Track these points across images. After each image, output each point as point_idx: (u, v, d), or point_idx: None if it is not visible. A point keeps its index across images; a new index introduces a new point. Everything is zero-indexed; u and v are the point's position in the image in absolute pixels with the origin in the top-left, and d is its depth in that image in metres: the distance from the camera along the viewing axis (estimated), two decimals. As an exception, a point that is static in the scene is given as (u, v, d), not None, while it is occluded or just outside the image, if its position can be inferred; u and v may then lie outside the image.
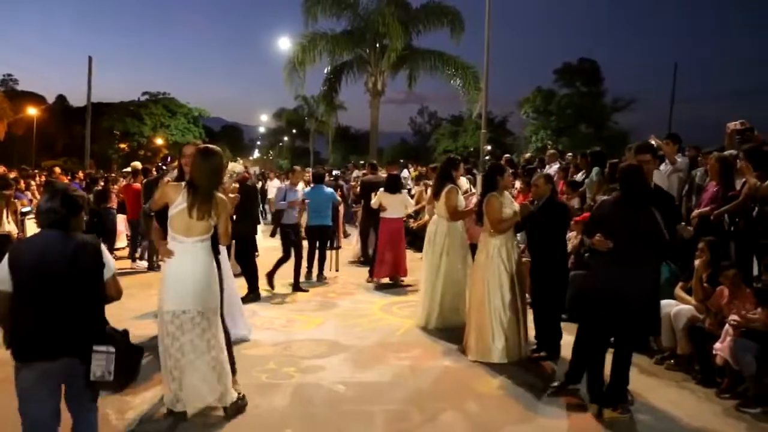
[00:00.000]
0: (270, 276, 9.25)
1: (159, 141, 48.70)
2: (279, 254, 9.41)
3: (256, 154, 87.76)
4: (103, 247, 3.46)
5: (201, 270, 4.39)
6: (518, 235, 6.73)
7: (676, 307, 5.84)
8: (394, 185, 9.97)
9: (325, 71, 26.83)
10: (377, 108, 26.72)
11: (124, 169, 15.81)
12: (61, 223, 3.29)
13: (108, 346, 3.34)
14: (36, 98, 54.84)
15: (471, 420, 4.69)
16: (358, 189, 12.99)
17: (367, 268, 10.39)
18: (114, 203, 12.66)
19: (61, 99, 59.75)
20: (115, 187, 14.01)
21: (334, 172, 20.66)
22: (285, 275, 9.42)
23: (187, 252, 4.35)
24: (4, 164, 17.52)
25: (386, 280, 9.86)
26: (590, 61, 42.56)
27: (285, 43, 25.71)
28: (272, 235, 10.42)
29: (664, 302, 6.01)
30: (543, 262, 6.08)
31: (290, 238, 9.31)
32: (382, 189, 9.98)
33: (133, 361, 3.61)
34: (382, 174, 11.95)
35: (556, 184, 8.25)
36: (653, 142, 7.86)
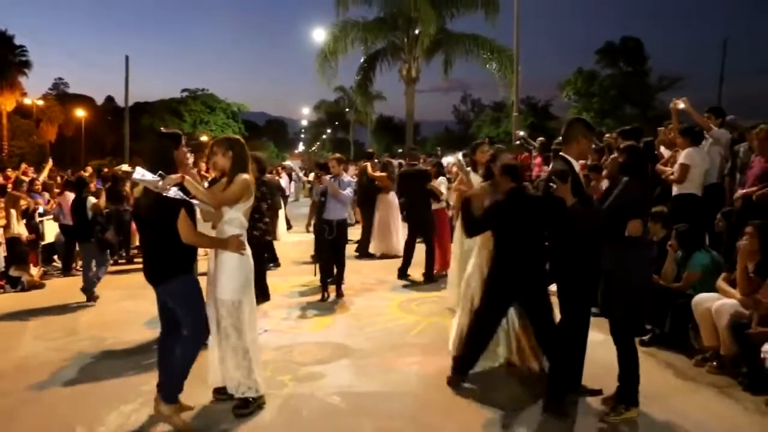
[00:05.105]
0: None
1: (204, 138, 49.07)
2: None
3: (301, 147, 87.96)
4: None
5: None
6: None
7: (718, 302, 5.11)
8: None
9: (361, 60, 26.37)
10: (412, 96, 26.03)
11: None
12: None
13: None
14: (86, 100, 56.14)
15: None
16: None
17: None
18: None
19: (109, 100, 60.98)
20: None
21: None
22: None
23: None
24: (56, 165, 17.41)
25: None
26: (633, 39, 40.91)
27: (320, 34, 25.25)
28: None
29: (704, 296, 5.34)
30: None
31: None
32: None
33: None
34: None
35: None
36: (681, 106, 7.17)
